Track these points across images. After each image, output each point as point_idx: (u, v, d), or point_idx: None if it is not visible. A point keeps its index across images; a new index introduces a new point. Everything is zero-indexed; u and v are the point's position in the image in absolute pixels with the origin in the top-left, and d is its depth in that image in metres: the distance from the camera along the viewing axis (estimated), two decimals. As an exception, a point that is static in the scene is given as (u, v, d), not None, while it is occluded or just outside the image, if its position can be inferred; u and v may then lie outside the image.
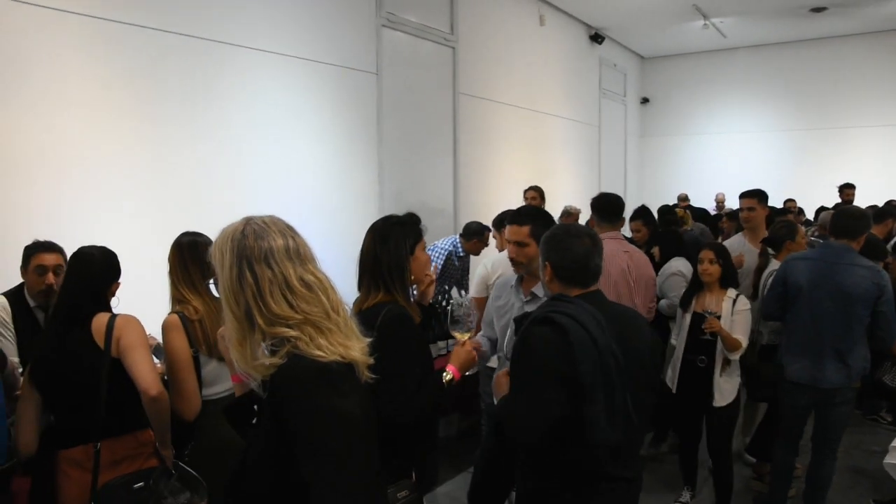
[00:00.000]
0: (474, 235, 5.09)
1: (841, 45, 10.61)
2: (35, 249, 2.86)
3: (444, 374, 2.13)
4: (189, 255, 2.58)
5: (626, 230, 4.90)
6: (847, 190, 9.02)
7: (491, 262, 3.76)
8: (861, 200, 8.07)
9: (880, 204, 7.35)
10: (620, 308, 2.21)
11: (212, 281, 1.45)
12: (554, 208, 5.84)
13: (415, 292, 2.34)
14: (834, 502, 3.68)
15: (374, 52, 5.58)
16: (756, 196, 4.55)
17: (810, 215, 8.86)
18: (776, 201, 8.00)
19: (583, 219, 6.77)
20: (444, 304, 4.92)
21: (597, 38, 9.95)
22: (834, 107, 10.73)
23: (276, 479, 1.34)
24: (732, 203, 8.37)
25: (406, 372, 2.00)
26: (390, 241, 2.19)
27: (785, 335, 3.59)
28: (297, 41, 4.87)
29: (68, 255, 2.58)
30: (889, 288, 3.33)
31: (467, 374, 2.31)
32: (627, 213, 4.48)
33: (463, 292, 5.16)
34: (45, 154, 3.44)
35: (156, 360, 2.50)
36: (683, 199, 10.31)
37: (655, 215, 5.56)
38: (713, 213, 8.75)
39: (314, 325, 1.33)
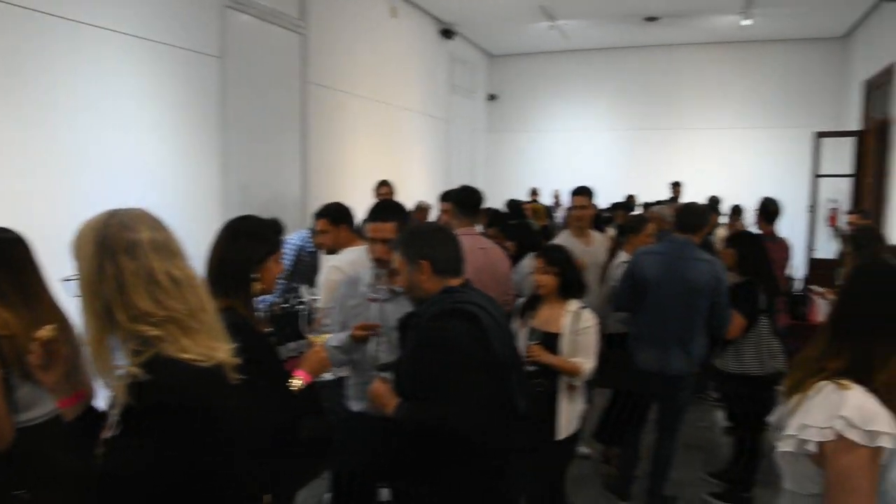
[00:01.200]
0: None
1: (672, 53, 11.46)
2: None
3: (294, 380, 1.99)
4: (-3, 255, 2.21)
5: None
6: (676, 187, 9.85)
7: (346, 264, 3.26)
8: (688, 196, 8.77)
9: (704, 199, 8.04)
10: (487, 295, 2.27)
11: (69, 277, 1.30)
12: (405, 202, 5.75)
13: (260, 306, 2.17)
14: (672, 477, 3.90)
15: (218, 35, 5.19)
16: (589, 193, 4.58)
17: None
18: (615, 196, 8.51)
19: (432, 214, 6.80)
20: (293, 302, 4.68)
21: (447, 33, 10.03)
22: (665, 110, 11.58)
23: (169, 485, 1.30)
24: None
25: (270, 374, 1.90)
26: (241, 241, 2.02)
27: (634, 326, 3.76)
28: (133, 17, 4.37)
29: None
30: (725, 279, 3.59)
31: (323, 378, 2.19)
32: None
33: (315, 290, 4.93)
34: None
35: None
36: (534, 193, 10.68)
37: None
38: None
39: (178, 323, 1.29)
